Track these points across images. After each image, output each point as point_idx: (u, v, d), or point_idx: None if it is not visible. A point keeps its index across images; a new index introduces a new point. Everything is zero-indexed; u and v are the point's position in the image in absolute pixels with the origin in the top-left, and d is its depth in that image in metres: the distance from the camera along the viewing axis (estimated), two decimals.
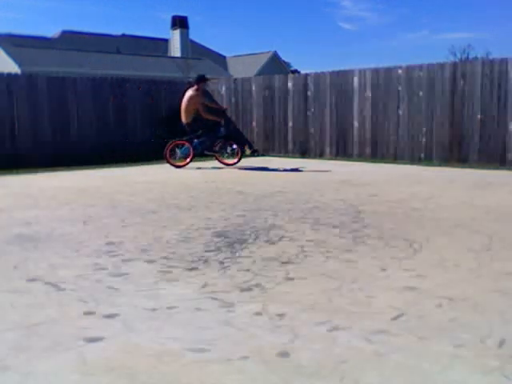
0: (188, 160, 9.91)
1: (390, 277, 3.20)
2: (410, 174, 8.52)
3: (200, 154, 9.99)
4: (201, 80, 9.85)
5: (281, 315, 2.61)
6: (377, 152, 10.83)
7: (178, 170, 9.66)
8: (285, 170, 9.35)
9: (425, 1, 71.93)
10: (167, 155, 9.87)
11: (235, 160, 10.02)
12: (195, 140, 9.82)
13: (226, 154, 10.25)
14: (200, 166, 9.98)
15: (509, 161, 9.14)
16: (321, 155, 11.57)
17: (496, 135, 9.27)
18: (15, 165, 9.93)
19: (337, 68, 12.09)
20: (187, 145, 9.89)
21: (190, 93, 9.73)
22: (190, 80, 13.82)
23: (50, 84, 11.37)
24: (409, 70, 10.29)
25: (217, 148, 10.07)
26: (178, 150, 10.02)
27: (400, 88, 10.37)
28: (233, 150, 10.20)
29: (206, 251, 3.84)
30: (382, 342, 2.30)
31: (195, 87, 9.78)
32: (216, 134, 9.85)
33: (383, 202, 5.86)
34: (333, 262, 3.55)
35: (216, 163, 10.13)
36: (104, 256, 3.75)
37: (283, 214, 5.23)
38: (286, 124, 12.21)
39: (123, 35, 31.96)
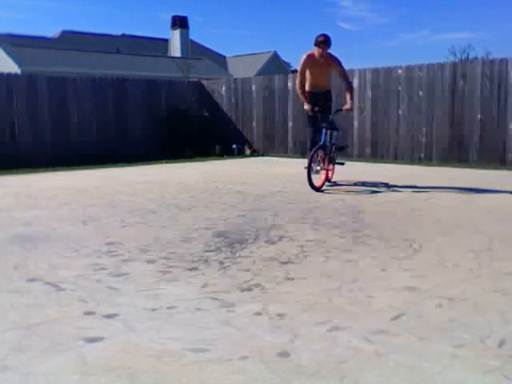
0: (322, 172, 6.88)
1: (390, 277, 3.20)
2: (410, 173, 8.51)
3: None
4: (316, 43, 6.66)
5: (281, 315, 2.61)
6: (377, 152, 10.84)
7: (177, 170, 9.64)
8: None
9: (425, 1, 72.02)
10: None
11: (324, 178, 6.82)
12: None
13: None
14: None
15: (509, 161, 9.14)
16: None
17: (496, 135, 9.27)
18: (15, 165, 9.93)
19: None
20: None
21: None
22: (190, 80, 13.81)
23: (50, 84, 11.38)
24: (409, 69, 10.29)
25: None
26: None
27: (400, 88, 10.37)
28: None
29: (205, 251, 3.84)
30: (382, 341, 2.30)
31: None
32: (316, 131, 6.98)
33: (383, 202, 5.86)
34: (333, 261, 3.55)
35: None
36: (104, 256, 3.75)
37: (283, 213, 5.23)
38: (285, 124, 12.21)
39: (123, 35, 31.95)
